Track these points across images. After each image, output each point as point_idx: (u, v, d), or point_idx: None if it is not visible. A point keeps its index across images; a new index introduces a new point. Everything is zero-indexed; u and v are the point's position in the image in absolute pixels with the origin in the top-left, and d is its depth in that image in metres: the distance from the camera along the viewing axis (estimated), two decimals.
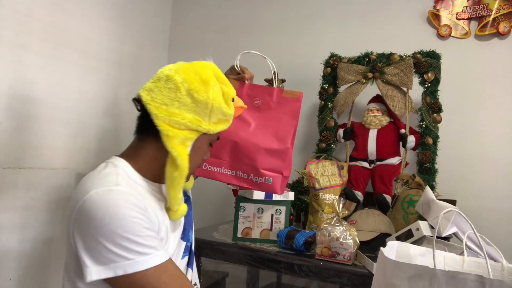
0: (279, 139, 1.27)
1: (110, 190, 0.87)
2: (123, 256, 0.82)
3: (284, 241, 1.49)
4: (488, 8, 1.89)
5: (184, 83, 0.95)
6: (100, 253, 0.83)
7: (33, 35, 1.65)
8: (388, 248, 0.81)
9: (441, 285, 0.63)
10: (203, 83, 0.97)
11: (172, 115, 0.94)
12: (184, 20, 2.63)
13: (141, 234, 0.85)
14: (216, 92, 0.98)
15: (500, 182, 1.86)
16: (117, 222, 0.83)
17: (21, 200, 1.63)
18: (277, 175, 1.24)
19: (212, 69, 1.02)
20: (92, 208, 0.84)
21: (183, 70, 0.98)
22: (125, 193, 0.88)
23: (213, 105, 0.97)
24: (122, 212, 0.84)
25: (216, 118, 1.00)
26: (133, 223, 0.85)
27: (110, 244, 0.82)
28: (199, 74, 0.97)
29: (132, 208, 0.86)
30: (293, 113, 1.30)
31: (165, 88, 0.96)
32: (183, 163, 0.94)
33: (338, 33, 2.23)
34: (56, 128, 1.78)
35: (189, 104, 0.95)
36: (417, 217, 1.51)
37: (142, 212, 0.88)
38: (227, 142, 1.25)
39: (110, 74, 2.11)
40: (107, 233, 0.82)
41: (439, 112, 1.80)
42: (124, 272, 0.82)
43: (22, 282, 1.65)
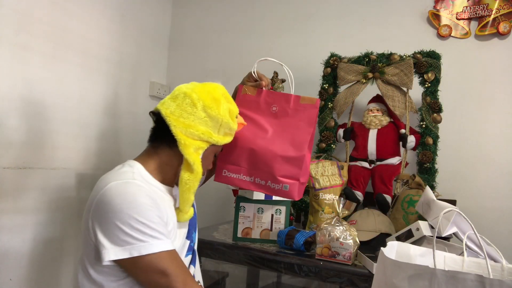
0: (296, 147, 1.28)
1: (127, 182, 1.00)
2: (139, 238, 0.93)
3: (284, 241, 1.49)
4: (488, 8, 1.89)
5: (200, 100, 1.09)
6: (117, 236, 0.93)
7: (33, 35, 1.65)
8: (388, 248, 0.81)
9: (441, 284, 0.63)
10: (215, 101, 1.11)
11: (188, 127, 1.07)
12: (184, 20, 2.63)
13: (154, 220, 0.96)
14: (225, 110, 1.12)
15: (500, 182, 1.86)
16: (133, 208, 0.95)
17: (21, 200, 1.63)
18: (294, 182, 1.26)
19: (221, 89, 1.16)
20: (111, 195, 0.97)
21: (198, 89, 1.11)
22: (141, 186, 1.01)
23: (223, 120, 1.11)
24: (138, 200, 0.97)
25: (224, 131, 1.15)
26: (148, 210, 0.96)
27: (126, 227, 0.93)
28: (211, 94, 1.11)
29: (147, 197, 0.99)
30: (310, 119, 1.31)
31: (183, 103, 1.09)
32: (199, 168, 1.08)
33: (338, 33, 2.23)
34: (56, 128, 1.78)
35: (203, 118, 1.09)
36: (417, 217, 1.51)
37: (155, 203, 1.00)
38: (245, 150, 1.28)
39: (110, 74, 2.11)
40: (124, 217, 0.93)
41: (439, 112, 1.80)
42: (139, 253, 0.92)
43: (22, 282, 1.65)
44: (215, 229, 1.80)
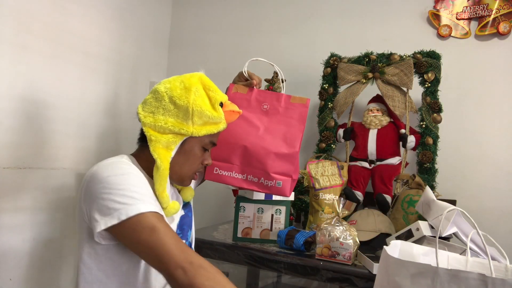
0: (288, 143, 1.30)
1: (113, 161, 1.05)
2: (125, 202, 0.93)
3: (284, 241, 1.49)
4: (488, 8, 1.89)
5: (168, 91, 1.08)
6: (106, 206, 0.93)
7: (33, 35, 1.65)
8: (391, 247, 0.81)
9: (444, 283, 0.63)
10: (185, 89, 1.07)
11: (157, 121, 1.07)
12: (184, 20, 2.63)
13: (140, 185, 0.98)
14: (198, 97, 1.07)
15: (500, 182, 1.86)
16: (119, 177, 0.97)
17: (21, 200, 1.63)
18: (287, 179, 1.27)
19: (199, 77, 1.12)
20: (98, 172, 0.99)
21: (170, 81, 1.11)
22: (127, 164, 1.04)
23: (193, 109, 1.06)
24: (122, 170, 1.00)
25: (201, 121, 1.09)
26: (135, 178, 0.99)
27: (113, 195, 0.94)
28: (183, 83, 1.09)
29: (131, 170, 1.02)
30: (301, 117, 1.34)
31: (153, 98, 1.10)
32: (162, 164, 1.05)
33: (338, 33, 2.23)
34: (56, 128, 1.78)
35: (172, 110, 1.07)
36: (417, 217, 1.51)
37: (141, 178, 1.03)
38: (237, 147, 1.28)
39: (110, 74, 2.11)
40: (110, 186, 0.95)
41: (439, 112, 1.80)
42: (126, 216, 0.91)
43: (22, 282, 1.65)
44: (215, 229, 1.79)
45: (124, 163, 1.05)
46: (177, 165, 1.11)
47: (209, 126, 1.12)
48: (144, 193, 0.97)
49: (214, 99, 1.11)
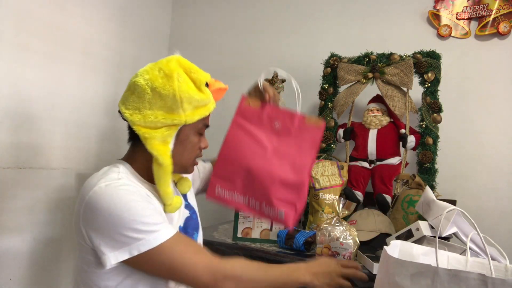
0: (296, 170, 1.19)
1: (111, 183, 0.96)
2: (134, 237, 0.89)
3: (284, 241, 1.49)
4: (488, 8, 1.89)
5: (149, 83, 1.00)
6: (113, 239, 0.90)
7: (33, 35, 1.65)
8: (391, 247, 0.81)
9: (444, 283, 0.63)
10: (167, 77, 1.00)
11: (146, 116, 0.99)
12: (184, 20, 2.63)
13: (146, 214, 0.93)
14: (182, 82, 1.00)
15: (500, 182, 1.86)
16: (122, 207, 0.91)
17: (21, 200, 1.63)
18: (290, 209, 1.17)
19: (177, 61, 1.05)
20: (98, 201, 0.93)
21: (147, 71, 1.03)
22: (126, 185, 0.97)
23: (181, 96, 0.99)
24: (125, 198, 0.93)
25: (191, 106, 1.02)
26: (137, 206, 0.93)
27: (120, 229, 0.90)
28: (162, 70, 1.01)
29: (133, 194, 0.95)
30: (314, 142, 1.23)
31: (134, 94, 1.02)
32: (165, 160, 1.01)
33: (338, 33, 2.23)
34: (56, 128, 1.78)
35: (158, 101, 1.00)
36: (417, 217, 1.51)
37: (144, 197, 0.98)
38: (242, 166, 1.18)
39: (110, 74, 2.11)
40: (115, 220, 0.90)
41: (439, 112, 1.80)
42: (139, 252, 0.89)
43: (22, 282, 1.65)
44: (215, 229, 1.80)
45: (122, 185, 0.97)
46: (176, 156, 1.06)
47: (200, 110, 1.06)
48: (149, 220, 0.93)
49: (199, 80, 1.04)
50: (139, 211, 0.92)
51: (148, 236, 0.90)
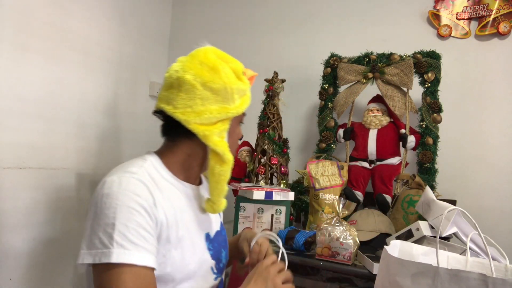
0: None
1: (122, 178, 0.88)
2: (105, 244, 0.81)
3: (284, 241, 1.49)
4: (488, 8, 1.89)
5: (197, 78, 0.95)
6: (91, 238, 0.83)
7: (33, 35, 1.65)
8: (391, 247, 0.81)
9: (444, 283, 0.63)
10: (213, 70, 0.96)
11: (200, 113, 0.94)
12: (184, 20, 2.63)
13: (130, 226, 0.83)
14: (227, 74, 0.97)
15: (500, 182, 1.86)
16: (113, 209, 0.83)
17: (21, 200, 1.63)
18: None
19: (213, 52, 1.01)
20: (100, 194, 0.86)
21: (189, 66, 0.97)
22: (136, 184, 0.88)
23: (231, 87, 0.97)
24: (122, 200, 0.84)
25: (238, 97, 1.00)
26: (128, 214, 0.83)
27: (100, 230, 0.82)
28: (205, 64, 0.97)
29: (135, 199, 0.86)
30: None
31: (181, 92, 0.96)
32: (229, 156, 0.98)
33: (338, 33, 2.23)
34: (56, 128, 1.78)
35: (210, 96, 0.95)
36: (417, 217, 1.51)
37: (146, 207, 0.86)
38: None
39: (110, 74, 2.11)
40: (101, 219, 0.83)
41: (439, 112, 1.80)
42: (99, 261, 0.80)
43: (22, 282, 1.65)
44: None
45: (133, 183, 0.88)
46: None
47: (245, 99, 1.04)
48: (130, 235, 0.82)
49: (237, 70, 1.01)
50: (127, 220, 0.83)
51: (115, 248, 0.80)
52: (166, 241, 0.92)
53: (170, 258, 0.92)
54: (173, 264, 0.93)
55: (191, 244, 0.99)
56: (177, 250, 0.94)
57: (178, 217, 0.96)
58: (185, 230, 0.97)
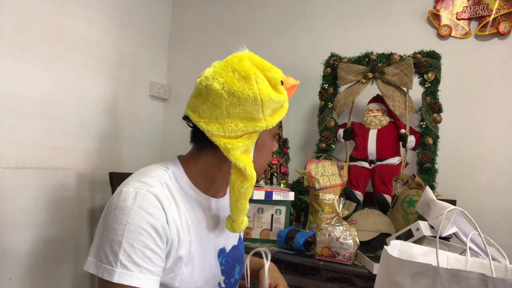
0: None
1: (138, 191, 0.85)
2: (109, 261, 0.80)
3: (284, 241, 1.49)
4: (488, 8, 1.89)
5: (225, 87, 0.87)
6: (98, 249, 0.82)
7: (33, 35, 1.65)
8: (391, 247, 0.81)
9: (444, 283, 0.63)
10: (244, 79, 0.88)
11: (225, 125, 0.88)
12: (184, 20, 2.63)
13: (136, 247, 0.81)
14: (261, 84, 0.88)
15: (500, 182, 1.86)
16: (123, 226, 0.81)
17: (21, 200, 1.63)
18: None
19: (249, 58, 0.92)
20: (114, 206, 0.84)
21: (220, 73, 0.90)
22: (150, 201, 0.85)
23: (262, 99, 0.87)
24: (132, 218, 0.82)
25: (270, 109, 0.92)
26: (137, 233, 0.82)
27: (107, 244, 0.81)
28: (237, 71, 0.88)
29: (147, 218, 0.83)
30: None
31: (209, 101, 0.90)
32: (252, 172, 0.90)
33: (338, 33, 2.23)
34: (56, 128, 1.78)
35: (237, 107, 0.88)
36: (417, 217, 1.51)
37: (157, 227, 0.84)
38: None
39: (110, 74, 2.11)
40: (110, 233, 0.82)
41: (439, 112, 1.80)
42: (101, 276, 0.80)
43: (22, 282, 1.65)
44: None
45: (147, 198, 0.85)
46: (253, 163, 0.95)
47: (279, 111, 0.94)
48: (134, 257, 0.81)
49: (274, 79, 0.91)
50: (134, 240, 0.81)
51: (121, 269, 0.79)
52: (178, 258, 0.90)
53: (180, 274, 0.91)
54: (181, 280, 0.91)
55: (203, 261, 0.97)
56: (187, 267, 0.92)
57: (192, 234, 0.93)
58: (198, 246, 0.95)
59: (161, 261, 0.85)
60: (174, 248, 0.88)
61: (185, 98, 1.03)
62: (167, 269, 0.88)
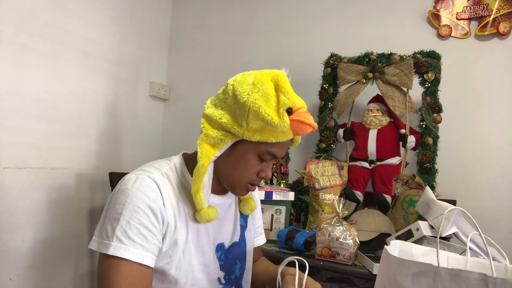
0: None
1: (138, 176, 0.93)
2: (108, 236, 0.87)
3: (284, 241, 1.49)
4: (488, 8, 1.89)
5: (234, 85, 0.93)
6: (101, 228, 0.90)
7: (33, 35, 1.65)
8: (391, 247, 0.81)
9: (445, 282, 0.63)
10: (252, 86, 0.91)
11: (214, 113, 0.94)
12: (184, 20, 2.63)
13: (132, 224, 0.87)
14: (261, 96, 0.89)
15: (500, 182, 1.86)
16: (122, 206, 0.88)
17: (21, 200, 1.63)
18: None
19: (274, 75, 0.93)
20: (117, 190, 0.92)
21: (244, 74, 0.95)
22: (149, 184, 0.91)
23: (250, 108, 0.88)
24: (131, 199, 0.89)
25: (257, 124, 0.90)
26: (133, 212, 0.88)
27: (108, 222, 0.89)
28: (254, 78, 0.92)
29: (144, 199, 0.89)
30: None
31: (222, 90, 0.98)
32: (201, 160, 0.93)
33: (338, 33, 2.23)
34: (56, 128, 1.78)
35: (232, 105, 0.93)
36: (417, 217, 1.51)
37: (153, 208, 0.90)
38: None
39: (110, 74, 2.11)
40: (111, 213, 0.89)
41: (439, 112, 1.80)
42: (100, 250, 0.87)
43: (22, 282, 1.65)
44: None
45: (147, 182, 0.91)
46: (227, 168, 0.98)
47: (266, 133, 0.91)
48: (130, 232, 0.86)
49: (282, 102, 0.90)
50: (131, 218, 0.87)
51: (114, 242, 0.85)
52: (174, 242, 0.94)
53: (176, 261, 0.94)
54: (178, 267, 0.95)
55: (201, 253, 1.00)
56: (184, 256, 0.96)
57: (190, 224, 0.97)
58: (195, 237, 0.99)
59: (156, 240, 0.90)
60: (171, 232, 0.93)
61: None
62: (164, 253, 0.93)
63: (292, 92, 0.94)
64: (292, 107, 0.91)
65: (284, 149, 0.99)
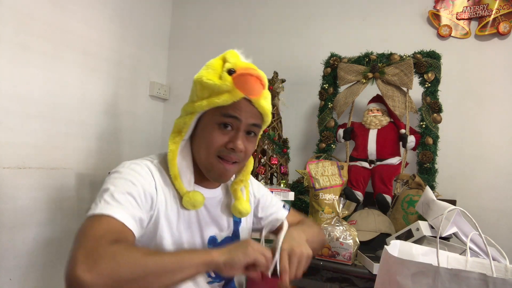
0: None
1: (132, 162, 0.97)
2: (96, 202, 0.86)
3: None
4: (488, 8, 1.89)
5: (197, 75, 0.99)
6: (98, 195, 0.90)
7: (33, 35, 1.65)
8: (391, 247, 0.81)
9: (445, 282, 0.63)
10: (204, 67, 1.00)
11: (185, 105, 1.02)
12: (184, 20, 2.63)
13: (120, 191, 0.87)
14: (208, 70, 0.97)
15: (500, 182, 1.86)
16: (113, 179, 0.91)
17: (21, 200, 1.63)
18: None
19: (227, 52, 1.01)
20: (111, 172, 0.95)
21: None
22: (143, 168, 0.95)
23: (195, 81, 0.97)
24: (123, 174, 0.92)
25: (204, 93, 0.95)
26: (124, 183, 0.89)
27: (99, 194, 0.89)
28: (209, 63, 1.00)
29: (136, 176, 0.92)
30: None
31: None
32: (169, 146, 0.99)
33: (338, 33, 2.23)
34: (56, 128, 1.78)
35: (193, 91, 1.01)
36: (417, 217, 1.51)
37: (143, 184, 0.92)
38: None
39: (110, 74, 2.11)
40: (103, 187, 0.90)
41: (439, 112, 1.80)
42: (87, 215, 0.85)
43: (22, 282, 1.65)
44: None
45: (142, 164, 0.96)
46: (197, 149, 1.00)
47: (213, 98, 0.93)
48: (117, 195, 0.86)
49: (225, 68, 0.94)
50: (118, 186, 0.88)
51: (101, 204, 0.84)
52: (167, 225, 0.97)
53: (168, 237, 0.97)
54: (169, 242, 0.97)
55: (192, 242, 1.02)
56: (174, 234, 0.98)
57: (181, 211, 1.00)
58: (186, 227, 1.01)
59: (141, 212, 0.89)
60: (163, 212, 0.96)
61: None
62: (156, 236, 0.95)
63: (236, 59, 0.97)
64: (233, 68, 0.94)
65: (241, 110, 0.96)
